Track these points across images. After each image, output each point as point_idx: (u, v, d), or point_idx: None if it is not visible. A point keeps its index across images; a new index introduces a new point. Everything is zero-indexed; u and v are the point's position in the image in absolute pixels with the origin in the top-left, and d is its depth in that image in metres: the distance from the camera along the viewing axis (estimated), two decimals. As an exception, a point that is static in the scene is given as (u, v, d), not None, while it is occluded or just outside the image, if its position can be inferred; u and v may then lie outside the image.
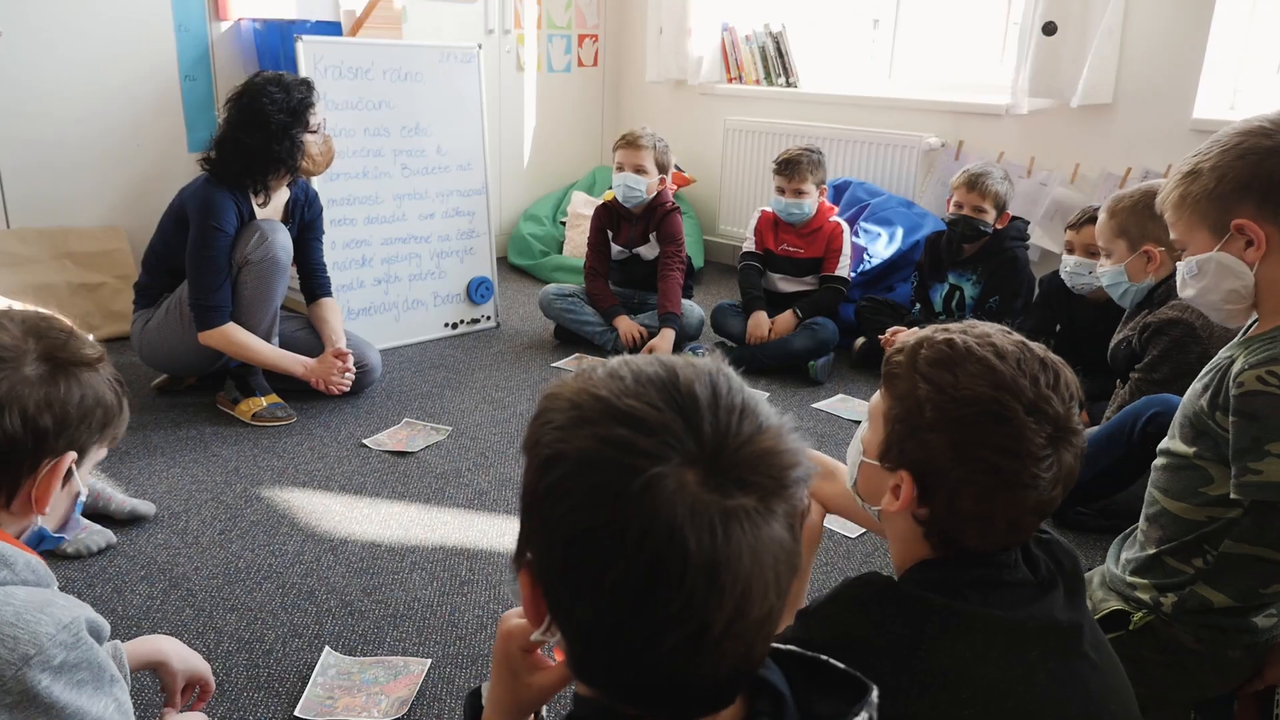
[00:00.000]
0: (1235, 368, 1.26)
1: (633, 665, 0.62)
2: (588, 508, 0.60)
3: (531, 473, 0.65)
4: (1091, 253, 2.53)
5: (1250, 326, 1.34)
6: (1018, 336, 0.94)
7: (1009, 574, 0.91)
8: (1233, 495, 1.25)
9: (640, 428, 0.60)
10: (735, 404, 0.63)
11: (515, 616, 0.88)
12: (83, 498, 1.10)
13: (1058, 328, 2.82)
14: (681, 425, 0.61)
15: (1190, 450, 1.31)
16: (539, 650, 0.88)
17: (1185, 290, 1.35)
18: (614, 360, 0.67)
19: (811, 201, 3.29)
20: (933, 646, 0.85)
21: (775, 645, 0.71)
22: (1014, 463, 0.87)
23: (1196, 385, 1.34)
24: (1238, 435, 1.23)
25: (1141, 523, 1.41)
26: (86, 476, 1.10)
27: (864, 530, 2.13)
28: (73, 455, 1.04)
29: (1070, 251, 2.66)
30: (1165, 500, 1.35)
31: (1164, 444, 1.39)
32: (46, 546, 1.09)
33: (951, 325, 0.96)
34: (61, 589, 1.91)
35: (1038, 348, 0.93)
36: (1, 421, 0.97)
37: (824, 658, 0.73)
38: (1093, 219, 2.46)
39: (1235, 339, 1.35)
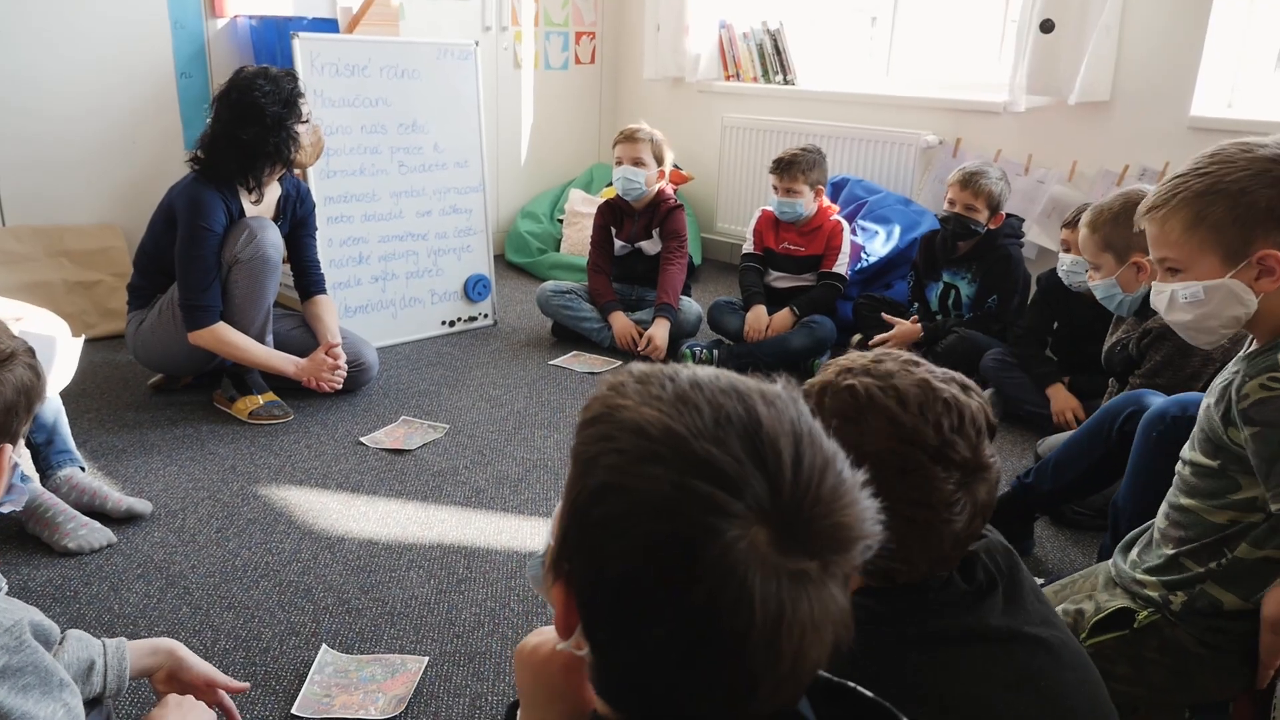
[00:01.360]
0: (1236, 382, 1.24)
1: (666, 707, 0.59)
2: (648, 556, 0.55)
3: (584, 494, 0.59)
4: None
5: (1251, 342, 1.32)
6: (920, 373, 0.91)
7: (944, 593, 0.91)
8: (1274, 508, 1.20)
9: (720, 482, 0.55)
10: (817, 462, 0.58)
11: (546, 644, 0.78)
12: (19, 465, 1.10)
13: (1055, 326, 2.82)
14: (763, 484, 0.56)
15: (1214, 463, 1.29)
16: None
17: (1177, 314, 1.29)
18: (683, 376, 0.61)
19: (805, 201, 3.28)
20: (887, 681, 0.85)
21: None
22: (927, 512, 0.88)
23: (1209, 400, 1.32)
24: (1262, 446, 1.19)
25: (1160, 522, 1.39)
26: (20, 441, 1.10)
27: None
28: (9, 446, 1.04)
29: (1067, 250, 2.66)
30: (1191, 502, 1.33)
31: (1185, 454, 1.36)
32: None
33: (855, 363, 0.94)
34: (58, 588, 1.89)
35: (941, 383, 0.91)
36: None
37: (851, 684, 0.71)
38: None
39: (1240, 353, 1.32)
